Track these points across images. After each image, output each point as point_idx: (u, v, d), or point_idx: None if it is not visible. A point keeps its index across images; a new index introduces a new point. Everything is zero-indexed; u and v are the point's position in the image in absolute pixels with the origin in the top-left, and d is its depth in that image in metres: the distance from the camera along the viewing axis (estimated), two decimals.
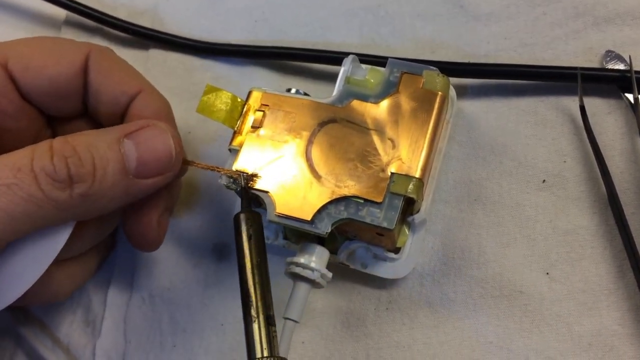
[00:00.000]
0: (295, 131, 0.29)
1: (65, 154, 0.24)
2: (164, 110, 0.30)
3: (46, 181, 0.24)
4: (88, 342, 0.34)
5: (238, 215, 0.26)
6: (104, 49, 0.30)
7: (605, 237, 0.28)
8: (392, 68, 0.29)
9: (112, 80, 0.29)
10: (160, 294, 0.34)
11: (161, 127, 0.27)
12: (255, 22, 0.38)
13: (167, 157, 0.27)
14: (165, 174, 0.27)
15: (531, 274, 0.29)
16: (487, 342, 0.29)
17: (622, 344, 0.27)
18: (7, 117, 0.29)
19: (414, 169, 0.27)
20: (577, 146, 0.30)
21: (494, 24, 0.33)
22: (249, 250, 0.26)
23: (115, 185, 0.25)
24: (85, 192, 0.25)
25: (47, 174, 0.24)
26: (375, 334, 0.30)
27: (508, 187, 0.30)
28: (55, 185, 0.24)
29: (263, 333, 0.24)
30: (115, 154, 0.25)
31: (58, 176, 0.24)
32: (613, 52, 0.30)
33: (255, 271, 0.25)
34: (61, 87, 0.29)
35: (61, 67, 0.29)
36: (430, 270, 0.30)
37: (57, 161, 0.24)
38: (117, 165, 0.25)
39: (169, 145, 0.27)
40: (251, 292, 0.25)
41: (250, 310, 0.25)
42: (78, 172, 0.24)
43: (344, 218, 0.26)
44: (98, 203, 0.25)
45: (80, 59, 0.29)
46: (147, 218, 0.29)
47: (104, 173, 0.25)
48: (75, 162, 0.24)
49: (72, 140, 0.25)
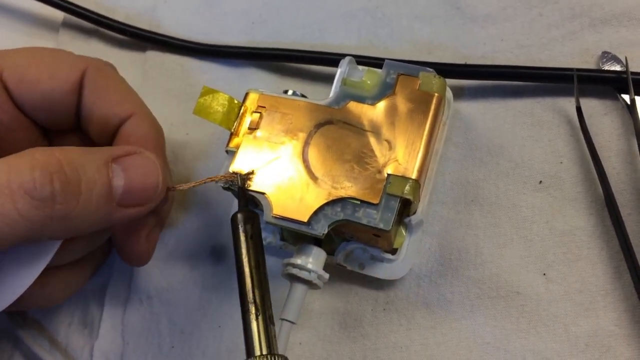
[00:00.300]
0: (292, 133, 0.29)
1: (50, 169, 0.23)
2: (153, 136, 0.29)
3: (23, 199, 0.22)
4: (86, 344, 0.34)
5: (236, 215, 0.26)
6: (103, 66, 0.30)
7: (601, 238, 0.29)
8: (388, 69, 0.29)
9: (105, 101, 0.29)
10: (158, 296, 0.34)
11: (149, 157, 0.26)
12: (253, 23, 0.38)
13: (152, 189, 0.26)
14: (147, 205, 0.26)
15: (528, 275, 0.29)
16: (484, 342, 0.29)
17: (618, 344, 0.27)
18: (1, 126, 0.28)
19: (410, 170, 0.27)
20: (573, 147, 0.30)
21: (491, 26, 0.33)
22: (247, 248, 0.26)
23: (99, 210, 0.24)
24: (67, 214, 0.23)
25: (25, 191, 0.22)
26: (372, 335, 0.30)
27: (505, 188, 0.30)
28: (33, 203, 0.22)
29: (262, 331, 0.24)
30: (103, 178, 0.24)
31: (38, 194, 0.22)
32: (609, 53, 0.31)
33: (254, 269, 0.25)
34: (55, 102, 0.29)
35: (56, 83, 0.28)
36: (427, 271, 0.30)
37: (39, 176, 0.22)
38: (104, 190, 0.24)
39: (157, 176, 0.26)
40: (250, 290, 0.25)
41: (249, 308, 0.25)
42: (63, 190, 0.23)
43: (340, 219, 0.26)
44: (76, 226, 0.24)
45: (76, 76, 0.29)
46: (135, 235, 0.29)
47: (89, 196, 0.24)
48: (60, 179, 0.23)
49: (59, 155, 0.23)
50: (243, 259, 0.25)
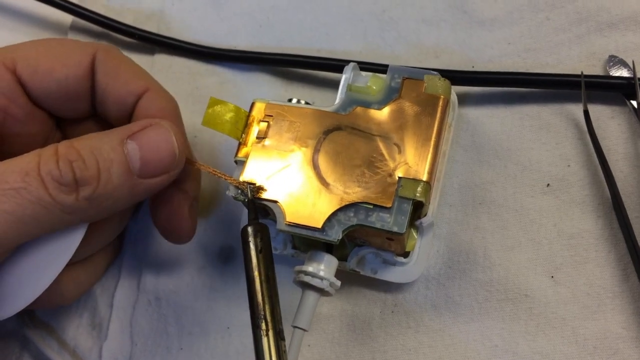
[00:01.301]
0: (301, 140, 0.29)
1: (70, 158, 0.25)
2: (169, 109, 0.30)
3: (53, 185, 0.24)
4: (94, 345, 0.34)
5: (246, 228, 0.26)
6: (109, 48, 0.30)
7: (609, 240, 0.29)
8: (393, 74, 0.29)
9: (119, 81, 0.29)
10: (166, 297, 0.34)
11: (164, 125, 0.27)
12: (260, 27, 0.38)
13: (170, 156, 0.27)
14: (169, 172, 0.27)
15: (536, 278, 0.29)
16: (492, 345, 0.29)
17: (627, 347, 0.27)
18: (16, 122, 0.29)
19: (421, 172, 0.27)
20: (580, 150, 0.30)
21: (498, 30, 0.34)
22: (257, 263, 0.26)
23: (121, 186, 0.26)
24: (91, 194, 0.25)
25: (53, 178, 0.24)
26: (380, 337, 0.30)
27: (512, 191, 0.31)
28: (62, 189, 0.24)
29: (272, 348, 0.24)
30: (118, 156, 0.26)
31: (64, 180, 0.24)
32: (616, 57, 0.31)
33: (264, 284, 0.25)
34: (70, 90, 0.29)
35: (69, 70, 0.29)
36: (435, 274, 0.30)
37: (62, 165, 0.25)
38: (121, 167, 0.26)
39: (172, 144, 0.27)
40: (261, 306, 0.25)
41: (260, 324, 0.25)
42: (83, 175, 0.25)
43: (354, 224, 0.26)
44: (104, 204, 0.26)
45: (87, 60, 0.29)
46: (179, 211, 0.30)
47: (109, 175, 0.25)
48: (80, 166, 0.25)
49: (77, 144, 0.25)
50: (253, 273, 0.26)
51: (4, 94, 0.28)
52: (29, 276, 0.26)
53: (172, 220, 0.30)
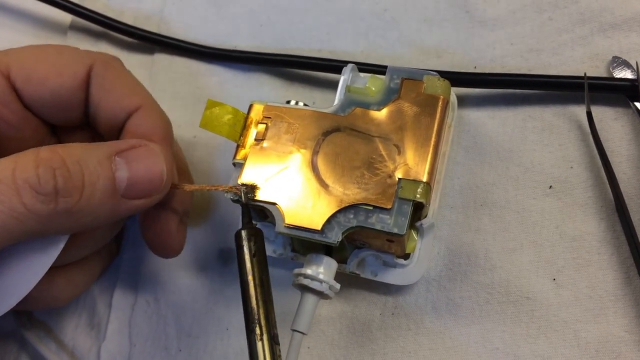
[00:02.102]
0: (300, 142, 0.28)
1: (53, 165, 0.23)
2: (161, 129, 0.29)
3: (29, 194, 0.23)
4: (93, 345, 0.34)
5: (239, 232, 0.26)
6: (109, 60, 0.30)
7: (612, 243, 0.28)
8: (392, 75, 0.29)
9: (112, 95, 0.29)
10: (165, 298, 0.34)
11: (154, 148, 0.27)
12: (261, 26, 0.38)
13: (157, 180, 0.26)
14: (153, 197, 0.26)
15: (538, 280, 0.29)
16: (493, 348, 0.28)
17: (629, 350, 0.27)
18: (10, 126, 0.29)
19: (421, 173, 0.27)
20: (583, 152, 0.30)
21: (500, 30, 0.33)
22: (251, 267, 0.25)
23: (103, 203, 0.25)
24: (71, 207, 0.24)
25: (30, 186, 0.23)
26: (380, 340, 0.30)
27: (514, 193, 0.30)
28: (39, 198, 0.23)
29: (267, 352, 0.24)
30: (105, 171, 0.25)
31: (42, 188, 0.23)
32: (620, 58, 0.30)
33: (258, 289, 0.25)
34: (63, 99, 0.29)
35: (63, 80, 0.28)
36: (436, 276, 0.30)
37: (42, 172, 0.23)
38: (107, 183, 0.25)
39: (161, 168, 0.26)
40: (255, 311, 0.25)
41: (254, 328, 0.24)
42: (65, 185, 0.23)
43: (354, 226, 0.26)
44: (82, 220, 0.24)
45: (83, 71, 0.29)
46: (166, 226, 0.29)
47: (93, 189, 0.24)
48: (63, 174, 0.23)
49: (62, 151, 0.24)
50: (247, 277, 0.25)
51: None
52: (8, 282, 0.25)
53: (159, 235, 0.29)
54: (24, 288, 0.26)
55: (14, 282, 0.26)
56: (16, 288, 0.26)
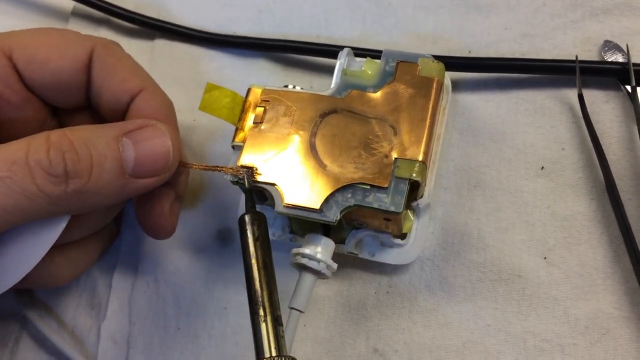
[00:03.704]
0: (297, 124, 0.29)
1: (63, 148, 0.24)
2: (164, 110, 0.30)
3: (41, 175, 0.24)
4: (93, 325, 0.35)
5: (243, 217, 0.27)
6: (110, 44, 0.30)
7: (602, 222, 0.29)
8: (387, 58, 0.29)
9: (115, 78, 0.29)
10: (164, 278, 0.34)
11: (160, 127, 0.27)
12: (260, 12, 0.38)
13: (164, 159, 0.27)
14: (161, 175, 0.27)
15: (529, 259, 0.29)
16: (485, 325, 0.29)
17: (618, 326, 0.28)
18: (12, 107, 0.29)
19: (416, 153, 0.27)
20: (575, 134, 0.31)
21: (495, 16, 0.34)
22: (255, 251, 0.26)
23: (111, 183, 0.25)
24: (80, 188, 0.24)
25: (42, 167, 0.24)
26: (375, 317, 0.31)
27: (507, 174, 0.31)
28: (50, 179, 0.24)
29: (271, 333, 0.25)
30: (113, 152, 0.25)
31: (53, 170, 0.24)
32: (611, 42, 0.31)
33: (262, 271, 0.26)
34: (64, 81, 0.29)
35: (65, 62, 0.29)
36: (430, 255, 0.31)
37: (53, 155, 0.24)
38: (115, 164, 0.25)
39: (167, 147, 0.27)
40: (259, 292, 0.25)
41: (258, 310, 0.25)
42: (74, 167, 0.24)
43: (352, 205, 0.27)
44: (92, 199, 0.25)
45: (85, 54, 0.29)
46: (159, 207, 0.30)
47: (101, 170, 0.25)
48: (72, 157, 0.24)
49: (70, 135, 0.25)
50: (251, 261, 0.26)
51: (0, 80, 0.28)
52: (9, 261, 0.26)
53: (152, 216, 0.30)
54: (26, 266, 0.27)
55: (17, 260, 0.26)
56: (18, 266, 0.26)
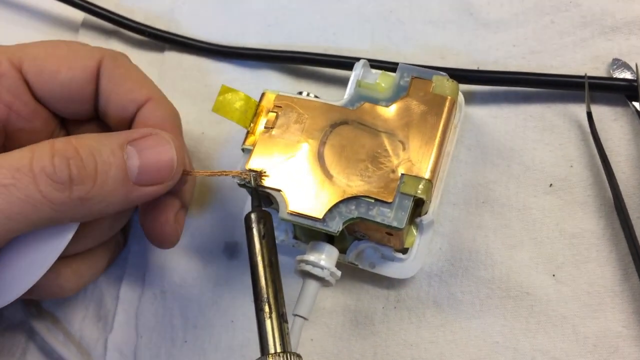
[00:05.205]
0: (308, 132, 0.29)
1: (67, 155, 0.24)
2: (170, 119, 0.30)
3: (45, 182, 0.24)
4: (100, 337, 0.35)
5: (249, 215, 0.27)
6: (118, 55, 0.31)
7: (610, 240, 0.29)
8: (402, 72, 0.30)
9: (122, 89, 0.30)
10: (172, 291, 0.34)
11: (164, 136, 0.27)
12: (269, 26, 0.39)
13: (168, 167, 0.27)
14: (165, 183, 0.27)
15: (537, 276, 0.29)
16: (493, 342, 0.29)
17: (626, 345, 0.27)
18: (21, 118, 0.29)
19: (423, 170, 0.27)
20: (583, 151, 0.31)
21: (503, 32, 0.34)
22: (260, 248, 0.26)
23: (116, 190, 0.26)
24: (84, 195, 0.25)
25: (46, 174, 0.24)
26: (382, 333, 0.31)
27: (515, 191, 0.31)
28: (54, 186, 0.24)
29: (276, 329, 0.25)
30: (117, 160, 0.26)
31: (58, 177, 0.24)
32: (620, 60, 0.31)
33: (267, 268, 0.26)
34: (73, 92, 0.29)
35: (74, 73, 0.29)
36: (438, 271, 0.31)
37: (57, 162, 0.24)
38: (119, 171, 0.26)
39: (171, 155, 0.27)
40: (264, 289, 0.25)
41: (263, 306, 0.25)
42: (79, 174, 0.24)
43: (354, 217, 0.27)
44: (96, 207, 0.25)
45: (93, 65, 0.29)
46: (163, 216, 0.30)
47: (106, 177, 0.25)
48: (77, 164, 0.24)
49: (75, 142, 0.25)
50: (256, 258, 0.26)
51: (10, 91, 0.29)
52: (17, 271, 0.26)
53: (157, 224, 0.30)
54: (34, 276, 0.27)
55: (24, 270, 0.27)
56: (25, 276, 0.27)
